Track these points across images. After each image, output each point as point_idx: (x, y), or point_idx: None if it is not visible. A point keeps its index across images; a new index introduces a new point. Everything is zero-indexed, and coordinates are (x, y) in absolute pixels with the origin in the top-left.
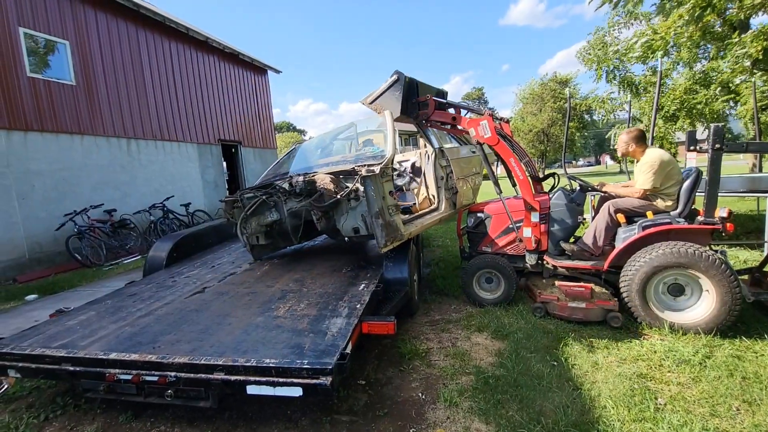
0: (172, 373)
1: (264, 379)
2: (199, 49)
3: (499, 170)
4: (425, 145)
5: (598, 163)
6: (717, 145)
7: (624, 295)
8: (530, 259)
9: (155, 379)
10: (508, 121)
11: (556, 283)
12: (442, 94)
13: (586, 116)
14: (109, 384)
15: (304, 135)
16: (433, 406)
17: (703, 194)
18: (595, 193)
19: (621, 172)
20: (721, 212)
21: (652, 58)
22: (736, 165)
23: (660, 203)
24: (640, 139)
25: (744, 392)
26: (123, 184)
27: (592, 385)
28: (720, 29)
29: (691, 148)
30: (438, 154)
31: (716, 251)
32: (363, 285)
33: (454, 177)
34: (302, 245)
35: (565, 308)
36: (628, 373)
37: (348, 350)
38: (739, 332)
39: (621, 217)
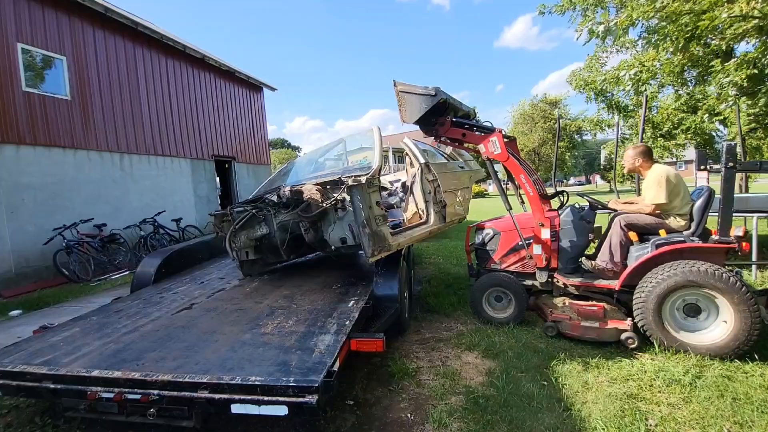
0: (155, 392)
1: (249, 397)
2: (195, 66)
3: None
4: (411, 161)
5: (588, 182)
6: (730, 164)
7: (638, 315)
8: (541, 277)
9: (138, 397)
10: (514, 139)
11: (567, 301)
12: (468, 115)
13: (576, 136)
14: (90, 402)
15: (299, 152)
16: (422, 427)
17: (717, 214)
18: (605, 210)
19: (610, 191)
20: (736, 231)
21: (643, 89)
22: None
23: (673, 222)
24: (647, 155)
25: (735, 413)
26: (115, 198)
27: (582, 406)
28: (703, 56)
29: (701, 167)
30: (424, 168)
31: (732, 271)
32: (352, 302)
33: (442, 190)
34: (293, 262)
35: (578, 328)
36: (618, 394)
37: (335, 368)
38: None
39: (633, 235)
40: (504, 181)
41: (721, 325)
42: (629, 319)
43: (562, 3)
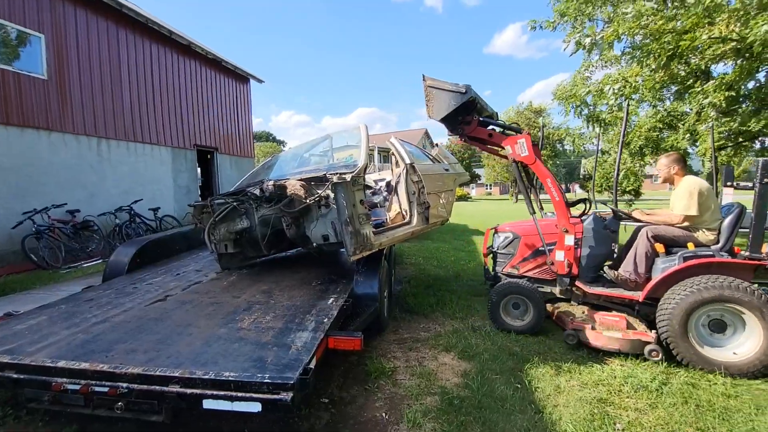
0: (124, 384)
1: (222, 393)
2: (180, 53)
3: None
4: (397, 161)
5: (568, 191)
6: (765, 180)
7: (663, 328)
8: (561, 284)
9: (105, 390)
10: (536, 144)
11: (587, 310)
12: (492, 116)
13: (558, 146)
14: (55, 394)
15: (284, 146)
16: (396, 427)
17: (748, 230)
18: (629, 222)
19: (587, 200)
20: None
21: (626, 103)
22: None
23: (701, 236)
24: (682, 162)
25: (698, 420)
26: (90, 184)
27: (553, 409)
28: (683, 74)
29: (728, 183)
30: (409, 169)
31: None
32: (332, 299)
33: (426, 192)
34: (272, 257)
35: (600, 338)
36: (588, 398)
37: (312, 365)
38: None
39: (660, 247)
40: (535, 183)
41: (748, 342)
42: (653, 331)
43: (554, 19)
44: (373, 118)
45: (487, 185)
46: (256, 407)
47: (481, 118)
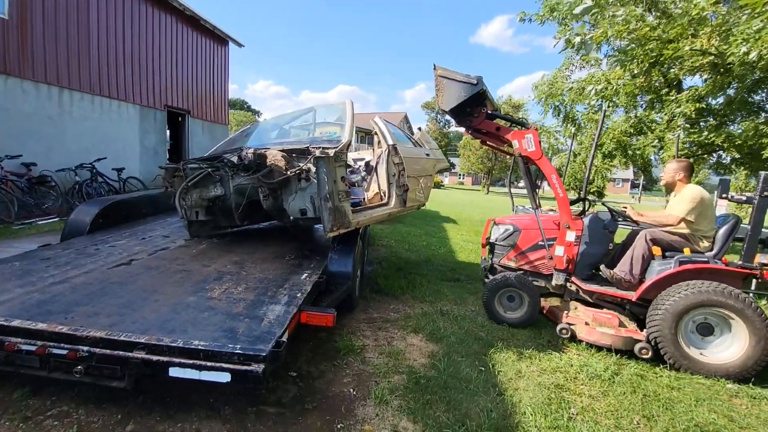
0: (85, 348)
1: (190, 362)
2: (156, 6)
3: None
4: (379, 141)
5: (538, 186)
6: (765, 193)
7: (654, 328)
8: (558, 279)
9: (64, 352)
10: (536, 129)
11: (580, 306)
12: (497, 110)
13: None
14: (7, 354)
15: (259, 116)
16: (363, 402)
17: (742, 241)
18: (626, 225)
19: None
20: (761, 258)
21: (607, 105)
22: (652, 205)
23: (696, 243)
24: (688, 170)
25: (644, 408)
26: (49, 137)
27: (514, 392)
28: (659, 85)
29: (723, 195)
30: (392, 150)
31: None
32: (305, 274)
33: (406, 175)
34: (244, 228)
35: (594, 333)
36: (547, 383)
37: (284, 339)
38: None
39: (657, 250)
40: (539, 179)
41: (733, 346)
42: (644, 330)
43: (543, 13)
44: (353, 96)
45: (460, 175)
46: (225, 377)
47: (489, 111)
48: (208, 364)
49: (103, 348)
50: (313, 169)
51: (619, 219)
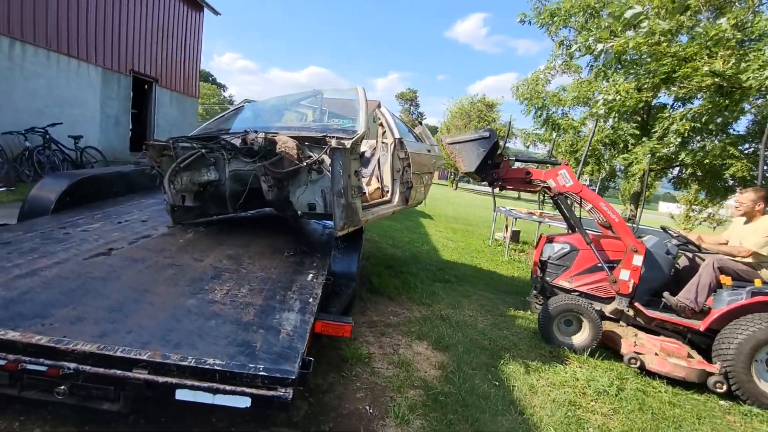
0: (71, 365)
1: (204, 384)
2: None
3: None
4: (383, 133)
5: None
6: None
7: (727, 361)
8: (620, 304)
9: (43, 369)
10: (567, 164)
11: (640, 334)
12: (502, 153)
13: (509, 144)
14: None
15: (224, 90)
16: (383, 422)
17: None
18: (693, 252)
19: (539, 204)
20: None
21: (610, 116)
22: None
23: (765, 274)
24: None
25: (655, 426)
26: None
27: (533, 410)
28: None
29: None
30: (398, 144)
31: None
32: (311, 275)
33: (411, 172)
34: (231, 216)
35: (665, 364)
36: (560, 400)
37: (309, 357)
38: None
39: (727, 280)
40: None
41: None
42: (714, 362)
43: (543, 16)
44: (325, 79)
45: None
46: (244, 402)
47: (514, 159)
48: (227, 387)
49: (95, 365)
50: (328, 161)
51: (686, 244)
